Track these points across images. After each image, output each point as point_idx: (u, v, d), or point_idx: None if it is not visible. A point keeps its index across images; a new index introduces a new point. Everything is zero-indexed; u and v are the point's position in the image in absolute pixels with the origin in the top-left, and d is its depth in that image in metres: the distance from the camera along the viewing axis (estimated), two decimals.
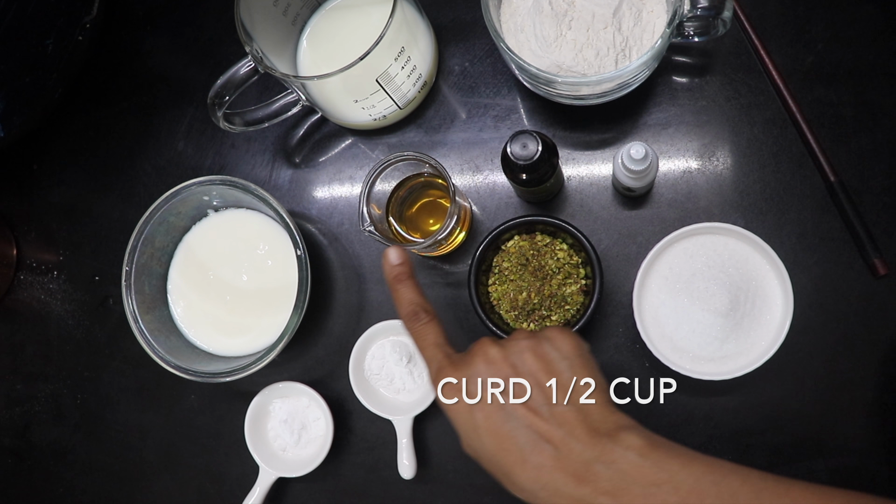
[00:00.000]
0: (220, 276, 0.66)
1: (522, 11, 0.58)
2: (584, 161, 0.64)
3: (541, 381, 0.41)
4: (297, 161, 0.69)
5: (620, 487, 0.38)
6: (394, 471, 0.62)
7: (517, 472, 0.40)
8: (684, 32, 0.58)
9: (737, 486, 0.38)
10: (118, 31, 0.73)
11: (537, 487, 0.39)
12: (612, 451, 0.39)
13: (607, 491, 0.38)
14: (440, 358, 0.44)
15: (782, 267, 0.55)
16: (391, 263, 0.47)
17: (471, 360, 0.42)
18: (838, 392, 0.58)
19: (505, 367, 0.42)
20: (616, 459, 0.38)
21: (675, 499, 0.37)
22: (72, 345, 0.71)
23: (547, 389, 0.41)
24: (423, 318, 0.45)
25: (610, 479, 0.38)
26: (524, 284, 0.59)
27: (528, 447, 0.40)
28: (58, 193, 0.73)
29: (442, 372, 0.43)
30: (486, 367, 0.42)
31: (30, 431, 0.72)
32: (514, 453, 0.40)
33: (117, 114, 0.73)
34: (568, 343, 0.43)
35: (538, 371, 0.41)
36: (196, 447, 0.68)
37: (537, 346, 0.42)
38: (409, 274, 0.47)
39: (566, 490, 0.39)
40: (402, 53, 0.58)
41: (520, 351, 0.42)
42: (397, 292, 0.47)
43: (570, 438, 0.39)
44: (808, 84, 0.61)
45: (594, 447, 0.39)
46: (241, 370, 0.60)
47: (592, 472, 0.38)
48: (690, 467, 0.38)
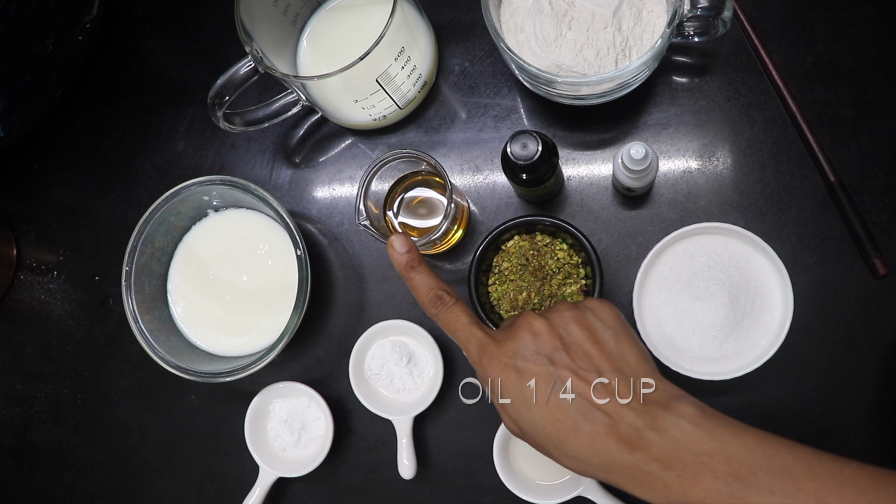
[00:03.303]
0: (220, 276, 0.66)
1: (522, 11, 0.58)
2: (584, 161, 0.64)
3: (588, 350, 0.41)
4: (297, 161, 0.69)
5: (672, 455, 0.38)
6: (394, 471, 0.62)
7: (570, 441, 0.40)
8: (684, 32, 0.58)
9: (790, 461, 0.37)
10: (118, 31, 0.73)
11: (590, 455, 0.39)
12: (664, 418, 0.39)
13: (659, 458, 0.38)
14: (479, 336, 0.43)
15: (782, 267, 0.55)
16: (398, 252, 0.46)
17: (516, 335, 0.42)
18: (838, 392, 0.58)
19: (552, 339, 0.41)
20: (668, 427, 0.39)
21: (727, 469, 0.37)
22: (72, 345, 0.71)
23: (595, 359, 0.41)
24: (448, 301, 0.45)
25: (662, 446, 0.38)
26: (524, 284, 0.59)
27: (580, 416, 0.40)
28: (58, 193, 0.73)
29: (486, 349, 0.43)
30: (533, 339, 0.42)
31: (30, 431, 0.72)
32: (567, 423, 0.40)
33: (117, 114, 0.73)
34: (609, 313, 0.43)
35: (584, 341, 0.41)
36: (196, 447, 0.68)
37: (581, 317, 0.42)
38: (420, 259, 0.46)
39: (619, 457, 0.39)
40: (402, 53, 0.58)
41: (565, 322, 0.42)
42: (412, 280, 0.46)
43: (621, 407, 0.39)
44: (808, 84, 0.61)
45: (646, 415, 0.39)
46: (241, 370, 0.60)
47: (644, 439, 0.39)
48: (743, 438, 0.38)
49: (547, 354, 0.41)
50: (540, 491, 0.60)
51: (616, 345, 0.42)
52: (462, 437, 0.64)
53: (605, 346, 0.42)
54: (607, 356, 0.41)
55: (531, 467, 0.61)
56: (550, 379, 0.41)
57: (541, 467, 0.61)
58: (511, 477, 0.60)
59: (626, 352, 0.42)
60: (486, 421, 0.62)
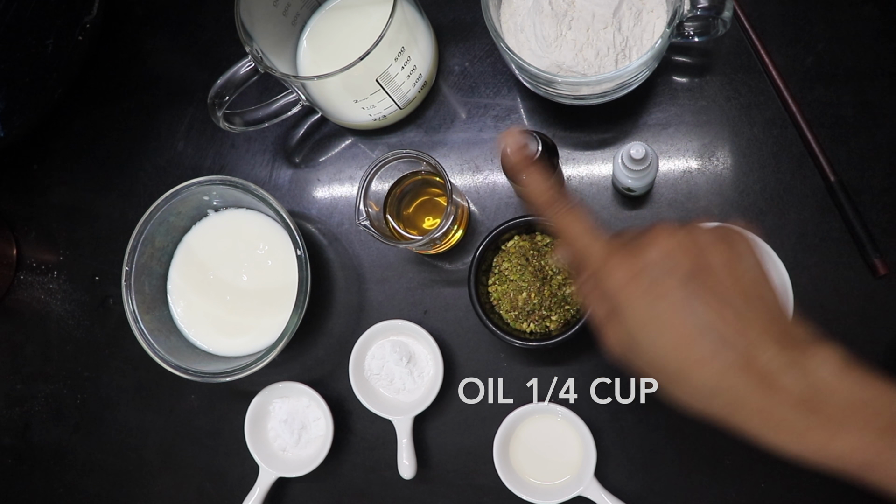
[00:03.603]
0: (220, 276, 0.66)
1: (522, 11, 0.58)
2: (584, 161, 0.64)
3: (726, 279, 0.37)
4: (297, 161, 0.69)
5: (813, 401, 0.35)
6: (394, 471, 0.62)
7: (696, 371, 0.36)
8: (684, 32, 0.58)
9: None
10: (118, 31, 0.73)
11: (717, 390, 0.36)
12: (808, 361, 0.36)
13: (798, 403, 0.35)
14: (604, 242, 0.40)
15: (782, 267, 0.55)
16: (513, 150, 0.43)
17: (648, 247, 0.38)
18: None
19: (688, 261, 0.37)
20: (811, 371, 0.35)
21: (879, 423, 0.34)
22: (72, 345, 0.71)
23: (734, 288, 0.37)
24: (567, 203, 0.41)
25: (801, 391, 0.35)
26: (524, 284, 0.59)
27: (712, 346, 0.36)
28: (58, 193, 0.73)
29: (612, 258, 0.39)
30: (668, 257, 0.38)
31: (30, 431, 0.72)
32: (697, 351, 0.36)
33: (117, 114, 0.73)
34: (748, 244, 0.39)
35: (723, 268, 0.38)
36: (196, 447, 0.68)
37: (721, 243, 0.38)
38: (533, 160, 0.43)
39: (751, 396, 0.36)
40: (402, 53, 0.58)
41: (703, 245, 0.38)
42: (525, 181, 0.42)
43: (759, 343, 0.36)
44: (808, 84, 0.61)
45: (785, 355, 0.36)
46: (241, 370, 0.60)
47: (783, 380, 0.35)
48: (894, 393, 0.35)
49: (682, 274, 0.37)
50: (540, 491, 0.60)
51: (755, 277, 0.38)
52: (462, 437, 0.64)
53: (744, 277, 0.38)
54: (746, 288, 0.37)
55: (531, 467, 0.61)
56: (683, 301, 0.37)
57: (541, 467, 0.61)
58: (511, 477, 0.60)
59: (764, 287, 0.38)
60: (486, 421, 0.62)
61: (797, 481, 0.58)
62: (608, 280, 0.39)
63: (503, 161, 0.42)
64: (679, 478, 0.60)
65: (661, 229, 0.39)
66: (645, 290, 0.37)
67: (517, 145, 0.42)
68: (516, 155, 0.42)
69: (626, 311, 0.38)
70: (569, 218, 0.41)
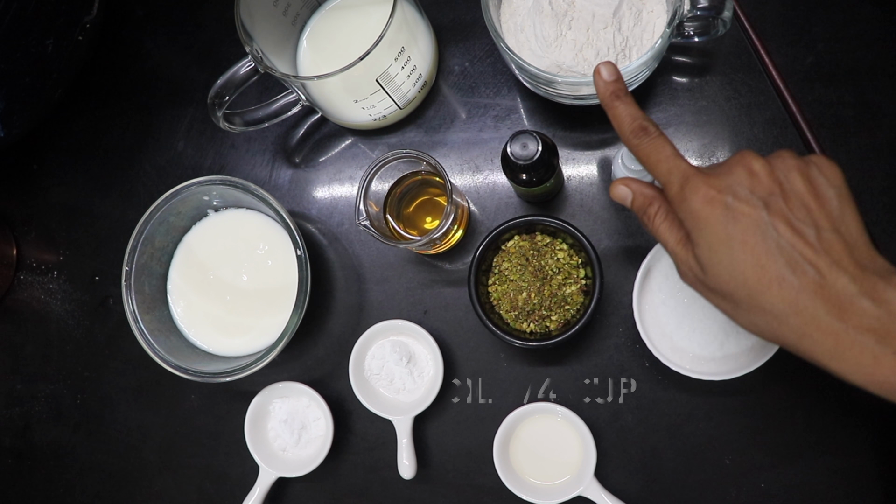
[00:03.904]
0: (220, 276, 0.66)
1: (522, 11, 0.58)
2: (584, 161, 0.64)
3: (808, 203, 0.38)
4: (297, 161, 0.69)
5: (884, 331, 0.35)
6: (394, 471, 0.62)
7: (770, 292, 0.37)
8: (684, 32, 0.58)
9: None
10: (118, 31, 0.73)
11: (790, 311, 0.37)
12: (885, 290, 0.36)
13: (872, 329, 0.35)
14: (684, 167, 0.40)
15: None
16: (605, 80, 0.43)
17: (731, 170, 0.39)
18: (838, 392, 0.58)
19: (770, 183, 0.38)
20: (889, 300, 0.35)
21: None
22: (72, 345, 0.71)
23: (814, 213, 0.38)
24: (652, 132, 0.42)
25: (878, 318, 0.35)
26: (524, 284, 0.59)
27: (788, 268, 0.36)
28: (58, 193, 0.73)
29: (692, 180, 0.39)
30: (750, 178, 0.38)
31: (30, 431, 0.72)
32: (772, 272, 0.37)
33: (117, 114, 0.73)
34: (836, 172, 0.39)
35: (805, 193, 0.38)
36: (196, 447, 0.68)
37: (806, 168, 0.39)
38: (626, 90, 0.43)
39: (825, 319, 0.36)
40: (402, 53, 0.58)
41: (787, 169, 0.39)
42: (615, 109, 0.43)
43: (836, 267, 0.36)
44: (808, 84, 0.61)
45: (863, 282, 0.36)
46: (241, 370, 0.60)
47: (857, 306, 0.35)
48: None
49: (762, 197, 0.38)
50: (540, 491, 0.60)
51: (839, 205, 0.38)
52: (462, 437, 0.64)
53: (827, 203, 0.38)
54: (827, 214, 0.38)
55: (531, 467, 0.61)
56: (761, 223, 0.37)
57: (541, 467, 0.61)
58: (511, 477, 0.60)
59: (848, 215, 0.38)
60: (486, 421, 0.62)
61: (797, 481, 0.58)
62: (688, 201, 0.39)
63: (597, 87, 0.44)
64: (679, 478, 0.60)
65: (745, 153, 0.39)
66: (723, 211, 0.38)
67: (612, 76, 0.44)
68: (610, 86, 0.43)
69: (703, 231, 0.39)
70: (653, 145, 0.42)
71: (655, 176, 0.42)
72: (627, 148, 0.44)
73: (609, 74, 0.44)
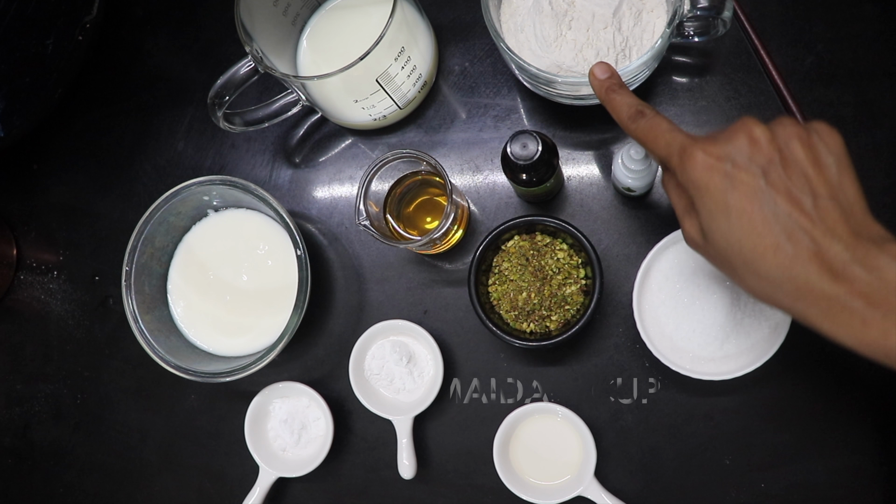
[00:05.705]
0: (220, 276, 0.66)
1: (522, 11, 0.58)
2: (584, 161, 0.64)
3: (807, 171, 0.38)
4: (297, 161, 0.69)
5: (880, 294, 0.36)
6: (394, 471, 0.62)
7: (766, 259, 0.38)
8: (684, 32, 0.58)
9: None
10: (118, 31, 0.73)
11: (784, 277, 0.38)
12: (877, 257, 0.36)
13: (864, 294, 0.36)
14: (682, 138, 0.41)
15: None
16: (599, 78, 0.45)
17: (731, 137, 0.39)
18: (838, 392, 0.58)
19: (770, 150, 0.39)
20: (881, 267, 0.36)
21: None
22: (72, 345, 0.71)
23: (812, 181, 0.38)
24: (648, 114, 0.43)
25: (870, 283, 0.36)
26: (524, 284, 0.59)
27: (784, 235, 0.37)
28: (58, 193, 0.73)
29: (690, 149, 0.40)
30: (750, 146, 0.39)
31: (30, 431, 0.72)
32: (768, 239, 0.38)
33: (117, 114, 0.73)
34: (836, 140, 0.40)
35: (805, 161, 0.38)
36: (196, 447, 0.68)
37: (806, 136, 0.39)
38: (620, 83, 0.45)
39: (818, 284, 0.37)
40: (402, 53, 0.58)
41: (788, 136, 0.39)
42: (612, 101, 0.45)
43: (831, 235, 0.37)
44: (808, 84, 0.61)
45: (856, 249, 0.37)
46: (241, 370, 0.60)
47: (850, 272, 0.36)
48: None
49: (762, 165, 0.38)
50: (540, 491, 0.60)
51: (837, 173, 0.39)
52: (462, 437, 0.64)
53: (826, 171, 0.38)
54: (826, 182, 0.38)
55: (531, 467, 0.61)
56: (759, 192, 0.38)
57: (541, 467, 0.61)
58: (511, 477, 0.60)
59: (846, 183, 0.39)
60: (486, 421, 0.62)
61: (797, 481, 0.58)
62: (688, 170, 0.40)
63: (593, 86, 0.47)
64: (679, 478, 0.60)
65: (747, 119, 0.40)
66: (722, 178, 0.39)
67: (606, 73, 0.46)
68: (603, 83, 0.45)
69: (703, 199, 0.39)
70: (651, 125, 0.42)
71: (656, 154, 0.43)
72: (628, 135, 0.45)
73: (602, 72, 0.46)
